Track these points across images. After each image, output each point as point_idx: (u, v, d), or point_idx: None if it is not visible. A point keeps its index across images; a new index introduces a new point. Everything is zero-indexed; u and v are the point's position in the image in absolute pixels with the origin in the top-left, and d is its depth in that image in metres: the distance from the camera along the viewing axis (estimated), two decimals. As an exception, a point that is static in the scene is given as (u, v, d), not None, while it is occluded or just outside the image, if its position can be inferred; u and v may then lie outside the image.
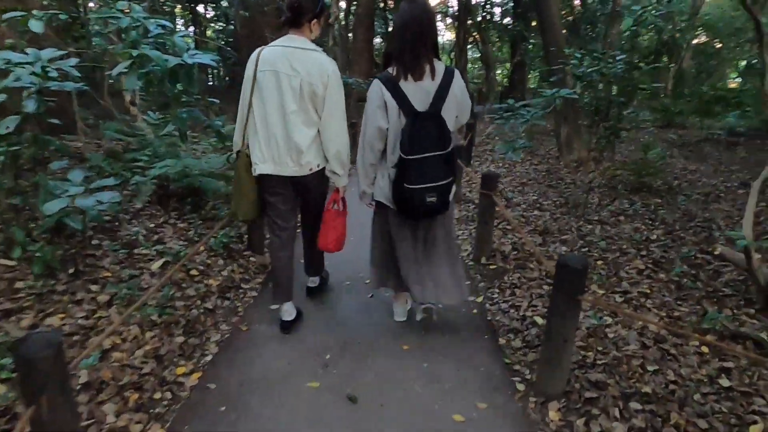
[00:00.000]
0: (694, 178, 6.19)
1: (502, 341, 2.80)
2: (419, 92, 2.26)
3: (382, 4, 20.38)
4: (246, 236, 3.92)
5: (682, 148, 8.32)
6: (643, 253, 3.92)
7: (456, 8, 19.97)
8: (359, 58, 14.78)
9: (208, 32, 19.07)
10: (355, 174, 2.59)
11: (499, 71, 19.72)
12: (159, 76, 2.86)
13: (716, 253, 3.21)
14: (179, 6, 17.93)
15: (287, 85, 2.30)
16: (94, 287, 2.79)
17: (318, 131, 2.41)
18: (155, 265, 3.15)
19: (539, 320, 2.91)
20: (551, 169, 6.68)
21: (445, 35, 30.91)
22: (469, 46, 19.15)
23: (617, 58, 4.41)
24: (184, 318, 2.77)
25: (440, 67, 2.30)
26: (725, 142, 8.57)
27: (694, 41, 16.32)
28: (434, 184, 2.28)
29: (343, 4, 14.93)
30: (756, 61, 17.89)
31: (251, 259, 3.70)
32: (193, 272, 3.25)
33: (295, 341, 2.74)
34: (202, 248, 3.57)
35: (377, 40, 26.10)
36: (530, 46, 12.77)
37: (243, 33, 8.74)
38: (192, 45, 3.04)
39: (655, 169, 5.74)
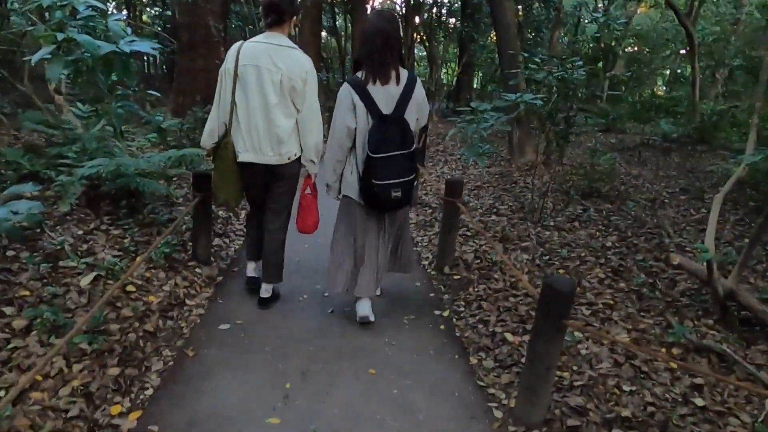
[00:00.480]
0: (638, 183, 6.35)
1: (473, 361, 2.63)
2: (385, 96, 2.48)
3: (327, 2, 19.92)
4: (190, 244, 3.54)
5: (623, 153, 8.59)
6: (602, 261, 3.90)
7: (403, 7, 19.91)
8: (307, 50, 14.31)
9: (144, 17, 17.90)
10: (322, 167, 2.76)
11: (444, 71, 19.82)
12: (90, 65, 2.47)
13: (675, 263, 3.21)
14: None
15: (269, 80, 2.46)
16: (8, 310, 2.36)
17: (296, 123, 2.59)
18: (84, 281, 2.73)
19: (509, 337, 2.78)
20: (504, 172, 6.65)
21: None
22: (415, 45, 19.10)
23: (576, 63, 4.38)
24: (120, 344, 2.39)
25: (404, 73, 2.53)
26: (661, 147, 8.93)
27: (627, 49, 17.12)
28: (399, 180, 2.49)
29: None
30: (680, 70, 19.03)
31: (197, 270, 3.33)
32: (130, 288, 2.85)
33: (250, 369, 2.45)
34: (139, 259, 3.17)
35: (323, 34, 25.68)
36: (479, 48, 12.85)
37: (184, 20, 8.13)
38: (128, 31, 2.64)
39: (604, 174, 5.82)
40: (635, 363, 2.57)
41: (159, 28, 14.97)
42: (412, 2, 16.87)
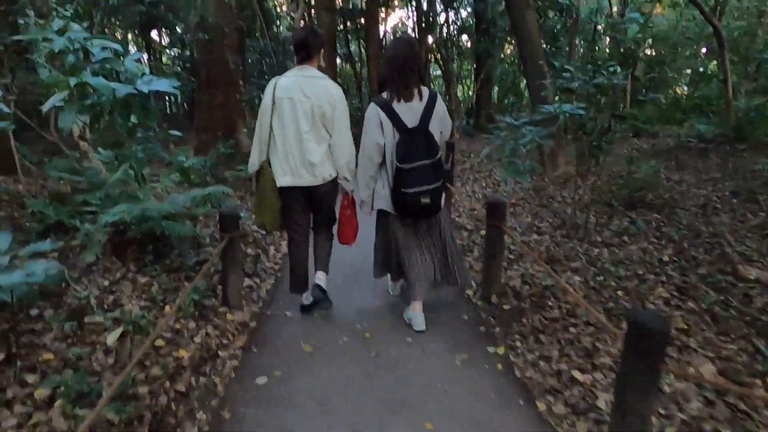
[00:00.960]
0: (683, 189, 5.95)
1: (541, 406, 2.31)
2: (409, 112, 2.68)
3: (342, 26, 20.07)
4: (220, 287, 3.33)
5: (658, 157, 8.17)
6: (663, 278, 3.55)
7: (416, 28, 19.96)
8: (323, 80, 14.34)
9: (163, 59, 18.29)
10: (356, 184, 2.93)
11: (459, 87, 19.65)
12: (108, 108, 2.30)
13: (751, 277, 2.85)
14: (131, 33, 17.18)
15: (300, 109, 2.67)
16: (31, 378, 2.17)
17: (328, 146, 2.78)
18: (111, 338, 2.53)
19: (578, 375, 2.45)
20: (537, 186, 6.33)
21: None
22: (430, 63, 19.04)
23: (611, 68, 4.10)
24: (150, 410, 2.16)
25: (425, 91, 2.73)
26: (697, 149, 8.48)
27: (647, 51, 16.70)
28: (427, 187, 2.65)
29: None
30: (703, 69, 18.44)
31: (228, 316, 3.10)
32: (159, 342, 2.64)
33: (292, 429, 2.18)
34: (169, 309, 2.96)
35: (338, 61, 25.92)
36: (501, 62, 12.63)
37: (202, 57, 8.14)
38: (147, 71, 2.47)
39: (646, 182, 5.46)
40: (729, 400, 2.23)
41: (179, 68, 15.22)
42: (423, 24, 16.91)
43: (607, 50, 17.28)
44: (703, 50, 20.94)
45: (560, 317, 3.04)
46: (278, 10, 19.99)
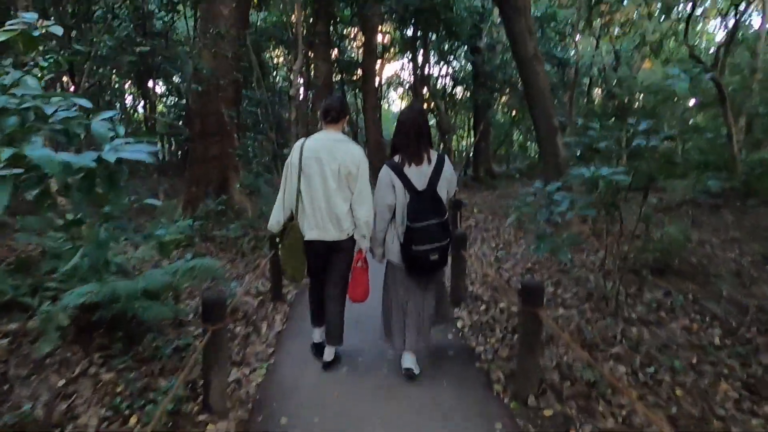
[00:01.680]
0: (707, 252, 5.49)
1: None
2: (419, 174, 2.79)
3: (338, 77, 20.14)
4: (201, 384, 2.71)
5: (669, 214, 7.78)
6: (722, 369, 3.01)
7: (411, 80, 20.09)
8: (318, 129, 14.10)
9: (159, 107, 18.10)
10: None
11: (454, 138, 19.61)
12: (62, 183, 1.79)
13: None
14: (128, 81, 17.00)
15: (328, 169, 2.80)
16: None
17: (350, 204, 2.90)
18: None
19: None
20: None
21: (399, 104, 31.34)
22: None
23: (641, 128, 3.69)
24: None
25: (434, 154, 2.87)
26: (707, 204, 8.12)
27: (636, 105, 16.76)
28: (436, 245, 2.74)
29: (301, 80, 14.45)
30: (691, 122, 18.51)
31: (209, 428, 2.48)
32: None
33: None
34: (134, 421, 2.35)
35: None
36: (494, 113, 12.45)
37: (196, 108, 7.78)
38: (121, 130, 1.96)
39: (673, 246, 4.99)
40: None
41: (173, 117, 14.95)
42: (419, 75, 16.95)
43: (596, 102, 17.39)
44: (691, 102, 21.24)
45: (616, 429, 2.46)
46: (275, 61, 20.02)
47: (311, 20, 12.39)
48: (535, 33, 5.80)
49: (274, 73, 20.03)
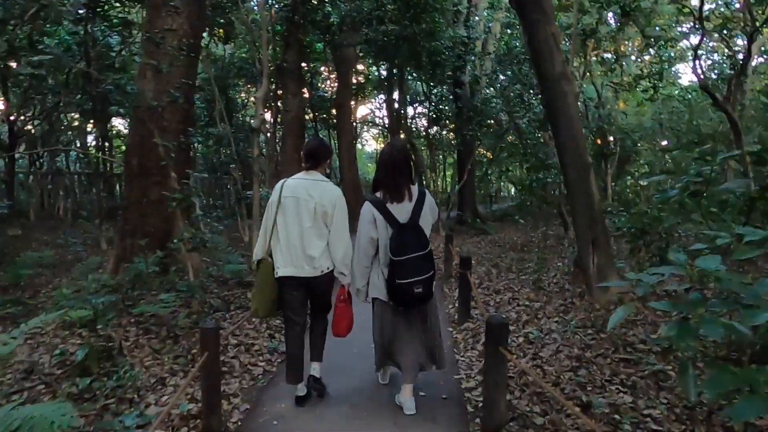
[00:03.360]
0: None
1: None
2: (401, 210, 2.82)
3: (311, 115, 18.87)
4: None
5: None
6: None
7: (386, 119, 19.04)
8: (289, 168, 12.57)
9: (116, 143, 16.37)
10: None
11: (432, 176, 18.43)
12: None
13: None
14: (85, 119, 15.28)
15: (304, 208, 2.87)
16: None
17: (327, 242, 2.92)
18: None
19: None
20: (584, 319, 4.32)
21: (374, 144, 30.29)
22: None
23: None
24: None
25: (415, 190, 2.89)
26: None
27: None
28: (420, 278, 2.72)
29: (268, 114, 13.03)
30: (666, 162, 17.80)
31: None
32: None
33: None
34: None
35: (305, 150, 24.56)
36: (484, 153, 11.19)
37: (134, 140, 6.19)
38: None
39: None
40: None
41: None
42: (395, 115, 15.83)
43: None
44: (664, 143, 20.82)
45: None
46: (244, 98, 18.57)
47: (281, 50, 11.07)
48: (560, 46, 4.49)
49: (244, 112, 18.63)
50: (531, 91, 10.54)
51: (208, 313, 4.46)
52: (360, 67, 19.69)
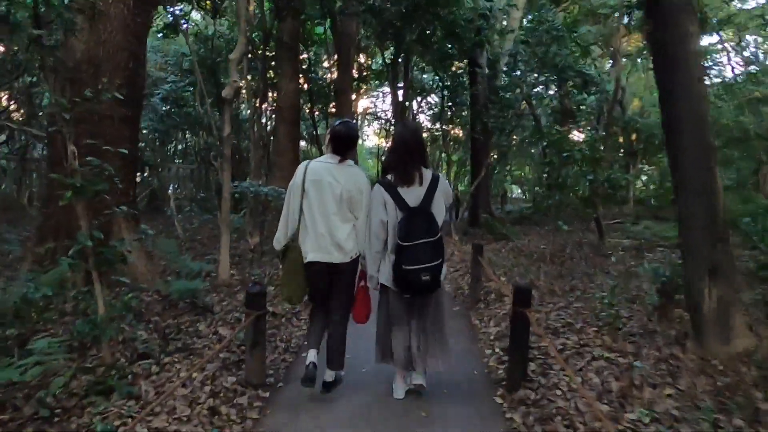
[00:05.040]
0: None
1: None
2: (411, 193, 2.65)
3: (308, 106, 17.18)
4: None
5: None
6: None
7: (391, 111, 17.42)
8: (282, 159, 10.88)
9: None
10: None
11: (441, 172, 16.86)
12: None
13: None
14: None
15: (330, 192, 2.69)
16: None
17: (353, 226, 2.76)
18: None
19: None
20: (712, 391, 2.68)
21: (374, 140, 28.60)
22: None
23: None
24: None
25: (428, 174, 2.69)
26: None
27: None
28: (428, 265, 2.55)
29: (242, 82, 11.38)
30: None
31: None
32: None
33: None
34: None
35: (302, 143, 22.84)
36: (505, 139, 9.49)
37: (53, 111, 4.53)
38: None
39: None
40: None
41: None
42: (399, 107, 14.20)
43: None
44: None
45: None
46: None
47: (272, 18, 9.37)
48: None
49: (235, 101, 16.94)
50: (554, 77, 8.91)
51: (123, 368, 2.78)
52: (362, 59, 18.06)
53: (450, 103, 10.43)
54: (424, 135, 19.36)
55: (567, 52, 8.40)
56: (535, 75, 8.51)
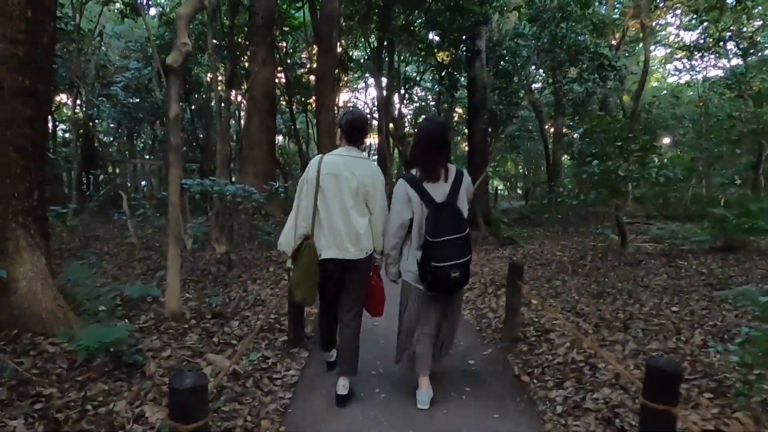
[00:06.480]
0: None
1: None
2: (437, 189, 2.52)
3: (284, 101, 15.70)
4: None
5: None
6: None
7: (375, 111, 16.16)
8: (254, 153, 9.43)
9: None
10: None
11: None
12: None
13: None
14: None
15: (346, 186, 2.54)
16: None
17: (368, 221, 2.63)
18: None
19: None
20: None
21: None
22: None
23: None
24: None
25: (452, 169, 2.58)
26: None
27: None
28: (457, 261, 2.42)
29: (189, 47, 9.95)
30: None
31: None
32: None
33: None
34: None
35: (279, 138, 21.27)
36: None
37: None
38: None
39: None
40: None
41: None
42: (383, 102, 12.93)
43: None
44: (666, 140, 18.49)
45: None
46: (209, 79, 15.20)
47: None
48: None
49: (203, 93, 15.31)
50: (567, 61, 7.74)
51: None
52: (343, 48, 16.62)
53: (448, 88, 9.12)
54: (407, 130, 18.21)
55: (580, 31, 7.25)
56: (544, 58, 7.37)
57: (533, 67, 8.18)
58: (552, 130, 12.77)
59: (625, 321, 3.66)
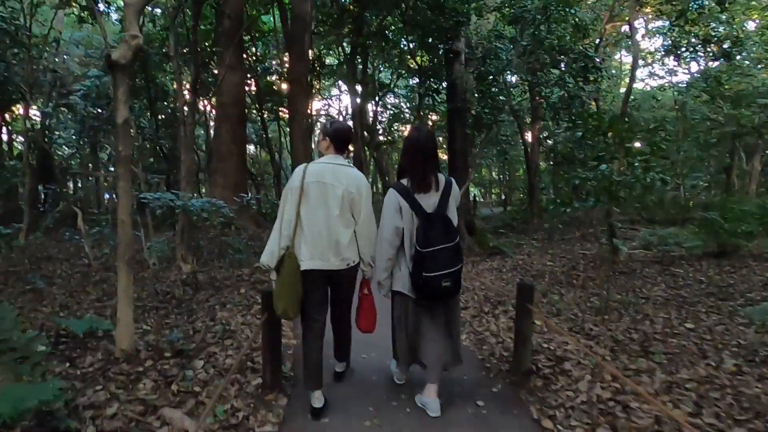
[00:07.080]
0: None
1: None
2: (428, 199, 2.50)
3: (255, 110, 15.07)
4: None
5: None
6: None
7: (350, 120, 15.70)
8: (224, 165, 8.80)
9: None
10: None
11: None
12: None
13: None
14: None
15: (332, 194, 2.49)
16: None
17: (354, 231, 2.55)
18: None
19: None
20: None
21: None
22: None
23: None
24: None
25: (442, 178, 2.56)
26: None
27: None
28: (448, 271, 2.41)
29: (139, 36, 9.32)
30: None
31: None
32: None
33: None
34: None
35: (251, 148, 20.52)
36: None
37: None
38: None
39: None
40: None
41: None
42: (358, 111, 12.51)
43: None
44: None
45: None
46: (174, 86, 14.44)
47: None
48: None
49: (169, 102, 14.54)
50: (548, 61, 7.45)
51: None
52: (315, 53, 16.11)
53: (428, 91, 8.73)
54: (382, 138, 17.86)
55: (562, 32, 6.98)
56: (527, 59, 7.07)
57: (511, 71, 7.89)
58: (529, 135, 12.58)
59: (642, 343, 3.27)
